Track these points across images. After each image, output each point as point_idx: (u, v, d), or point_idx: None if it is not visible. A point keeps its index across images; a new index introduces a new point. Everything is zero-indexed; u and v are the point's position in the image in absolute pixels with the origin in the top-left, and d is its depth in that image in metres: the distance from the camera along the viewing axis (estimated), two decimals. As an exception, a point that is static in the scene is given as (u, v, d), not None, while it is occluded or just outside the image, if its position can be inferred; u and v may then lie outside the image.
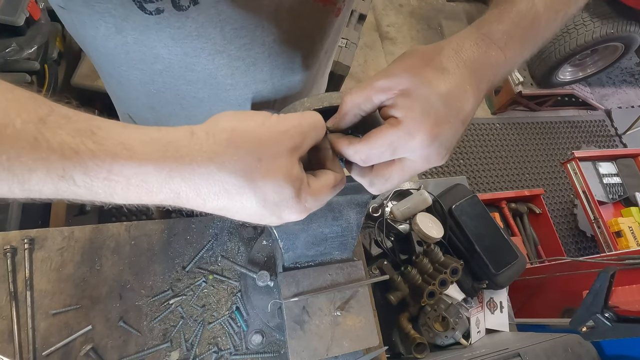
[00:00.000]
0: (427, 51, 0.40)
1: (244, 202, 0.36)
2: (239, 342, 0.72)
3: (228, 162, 0.34)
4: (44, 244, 0.71)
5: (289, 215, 0.39)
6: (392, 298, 0.95)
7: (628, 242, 1.92)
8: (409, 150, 0.39)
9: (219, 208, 0.36)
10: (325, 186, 0.40)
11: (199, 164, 0.33)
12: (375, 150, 0.40)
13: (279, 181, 0.35)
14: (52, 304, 0.68)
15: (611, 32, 2.35)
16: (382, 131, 0.39)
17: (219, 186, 0.34)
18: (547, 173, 2.90)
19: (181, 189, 0.34)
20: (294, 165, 0.36)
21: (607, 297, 0.96)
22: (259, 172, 0.35)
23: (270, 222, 0.40)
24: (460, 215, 1.06)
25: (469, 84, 0.40)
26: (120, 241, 0.75)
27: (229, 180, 0.34)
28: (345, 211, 0.64)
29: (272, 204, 0.36)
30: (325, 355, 0.59)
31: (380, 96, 0.40)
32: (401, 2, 3.28)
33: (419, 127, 0.38)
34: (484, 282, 1.03)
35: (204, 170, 0.34)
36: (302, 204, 0.38)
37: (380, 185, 0.44)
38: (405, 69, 0.39)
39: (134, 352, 0.68)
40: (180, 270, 0.75)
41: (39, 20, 1.49)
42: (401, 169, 0.42)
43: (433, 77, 0.38)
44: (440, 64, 0.39)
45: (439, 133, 0.38)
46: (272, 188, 0.35)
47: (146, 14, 0.47)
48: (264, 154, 0.35)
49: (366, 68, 2.86)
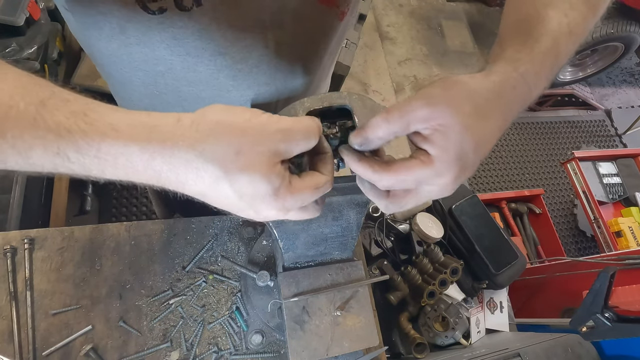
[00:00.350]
0: (471, 89, 0.40)
1: (220, 192, 0.37)
2: (239, 342, 0.72)
3: (207, 151, 0.35)
4: (44, 244, 0.71)
5: (267, 211, 0.39)
6: (392, 298, 0.95)
7: (628, 242, 1.92)
8: (430, 184, 0.41)
9: (197, 193, 0.38)
10: (307, 187, 0.40)
11: (179, 148, 0.35)
12: (402, 183, 0.41)
13: (254, 176, 0.36)
14: (52, 304, 0.68)
15: (611, 32, 2.35)
16: (413, 165, 0.40)
17: (196, 173, 0.36)
18: (547, 173, 2.90)
19: (162, 170, 0.36)
20: (275, 165, 0.37)
21: (607, 297, 0.96)
22: (236, 164, 0.35)
23: (249, 216, 0.40)
24: (460, 215, 1.06)
25: (499, 129, 0.42)
26: (120, 241, 0.75)
27: (206, 168, 0.35)
28: (345, 211, 0.64)
29: (248, 197, 0.37)
30: (325, 355, 0.59)
31: (418, 125, 0.39)
32: (401, 2, 3.28)
33: (449, 170, 0.39)
34: (484, 282, 1.03)
35: (184, 155, 0.35)
36: (279, 201, 0.38)
37: (395, 210, 0.45)
38: (448, 104, 0.39)
39: (134, 352, 0.68)
40: (180, 270, 0.75)
41: (39, 20, 1.49)
42: (416, 196, 0.43)
43: (473, 124, 0.39)
44: (482, 108, 0.40)
45: (462, 176, 0.41)
46: (247, 182, 0.36)
47: (149, 14, 0.48)
48: (243, 148, 0.36)
49: (366, 68, 2.85)
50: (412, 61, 3.02)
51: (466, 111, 0.39)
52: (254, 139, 0.36)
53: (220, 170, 0.35)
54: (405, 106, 0.39)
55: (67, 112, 0.34)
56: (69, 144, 0.33)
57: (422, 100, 0.39)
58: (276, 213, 0.39)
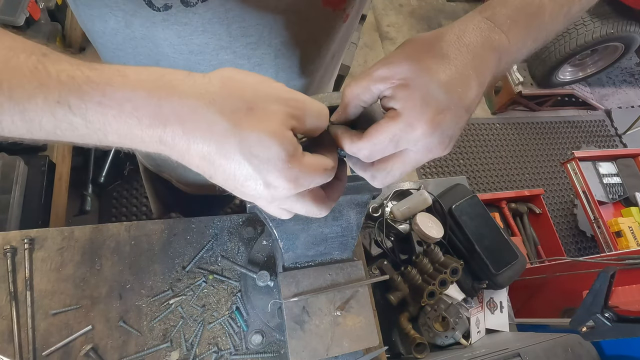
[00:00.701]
0: (428, 38, 0.39)
1: (227, 152, 0.33)
2: (239, 342, 0.72)
3: (217, 102, 0.33)
4: (44, 244, 0.71)
5: (277, 179, 0.34)
6: (392, 298, 0.95)
7: (628, 242, 1.92)
8: (411, 142, 0.38)
9: (202, 155, 0.34)
10: (319, 165, 0.37)
11: (188, 96, 0.33)
12: (378, 146, 0.39)
13: (267, 135, 0.33)
14: (52, 304, 0.68)
15: (611, 32, 2.35)
16: (381, 126, 0.38)
17: (206, 125, 0.33)
18: (547, 173, 2.90)
19: (169, 121, 0.33)
20: (287, 130, 0.34)
21: (607, 297, 0.96)
22: (248, 120, 0.33)
23: (252, 192, 0.36)
24: (460, 215, 1.06)
25: (472, 69, 0.38)
26: (120, 241, 0.75)
27: (215, 119, 0.33)
28: (345, 211, 0.64)
29: (257, 159, 0.33)
30: (325, 355, 0.59)
31: (379, 86, 0.38)
32: (401, 2, 3.28)
33: (419, 117, 0.37)
34: (484, 282, 1.03)
35: (193, 104, 0.33)
36: (292, 170, 0.34)
37: (382, 179, 0.43)
38: (404, 57, 0.38)
39: (134, 352, 0.68)
40: (180, 270, 0.75)
41: (39, 20, 1.49)
42: (402, 161, 0.40)
43: (432, 65, 0.37)
44: (441, 50, 0.38)
45: (440, 121, 0.37)
46: (258, 141, 0.33)
47: (154, 10, 0.47)
48: (256, 105, 0.33)
49: (366, 68, 2.85)
50: (412, 61, 3.01)
51: (423, 57, 0.38)
52: (268, 98, 0.34)
53: (230, 124, 0.32)
54: (364, 71, 0.39)
55: (71, 61, 0.32)
56: (71, 89, 0.31)
57: (380, 62, 0.39)
58: (286, 184, 0.35)
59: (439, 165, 2.73)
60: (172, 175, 0.96)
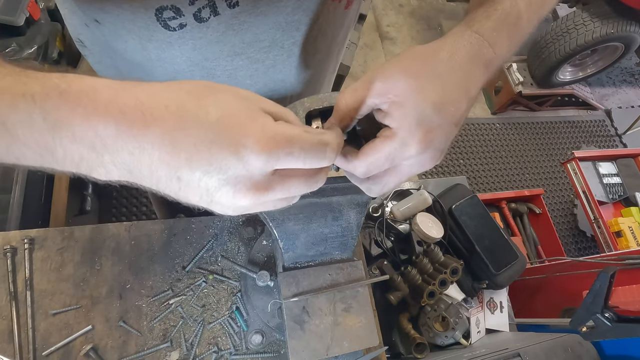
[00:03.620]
0: (423, 54, 0.41)
1: (188, 116, 0.31)
2: (239, 342, 0.72)
3: (173, 86, 0.33)
4: (44, 244, 0.71)
5: (245, 137, 0.31)
6: (392, 298, 0.95)
7: (628, 242, 1.92)
8: (405, 158, 0.40)
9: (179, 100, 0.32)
10: (296, 128, 0.34)
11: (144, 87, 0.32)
12: (374, 164, 0.41)
13: (230, 95, 0.33)
14: (52, 304, 0.68)
15: (611, 32, 2.35)
16: (377, 145, 0.40)
17: (165, 92, 0.32)
18: (547, 173, 2.90)
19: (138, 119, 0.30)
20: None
21: (607, 297, 0.96)
22: (208, 90, 0.33)
23: (229, 150, 0.31)
24: (460, 215, 1.06)
25: (463, 88, 0.41)
26: (120, 241, 0.75)
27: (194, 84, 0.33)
28: (345, 211, 0.64)
29: (222, 118, 0.31)
30: (325, 355, 0.59)
31: (374, 100, 0.40)
32: (401, 2, 3.28)
33: (413, 136, 0.38)
34: (484, 282, 1.03)
35: (150, 88, 0.32)
36: (262, 122, 0.32)
37: (378, 191, 0.45)
38: (401, 72, 0.39)
39: (134, 352, 0.68)
40: (180, 270, 0.75)
41: (39, 20, 1.49)
42: (397, 174, 0.43)
43: (427, 85, 0.39)
44: (436, 69, 0.40)
45: (432, 139, 0.39)
46: (219, 101, 0.32)
47: (170, 31, 0.49)
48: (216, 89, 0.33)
49: (366, 68, 2.85)
50: (412, 61, 3.01)
51: (419, 75, 0.39)
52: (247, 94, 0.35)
53: (189, 95, 0.31)
54: (359, 82, 0.40)
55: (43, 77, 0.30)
56: (40, 84, 0.30)
57: (375, 74, 0.40)
58: (256, 144, 0.30)
59: (439, 165, 2.73)
60: None
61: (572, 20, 2.45)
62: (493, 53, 0.42)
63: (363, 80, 0.40)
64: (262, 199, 0.34)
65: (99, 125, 0.30)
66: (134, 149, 0.30)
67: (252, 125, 0.31)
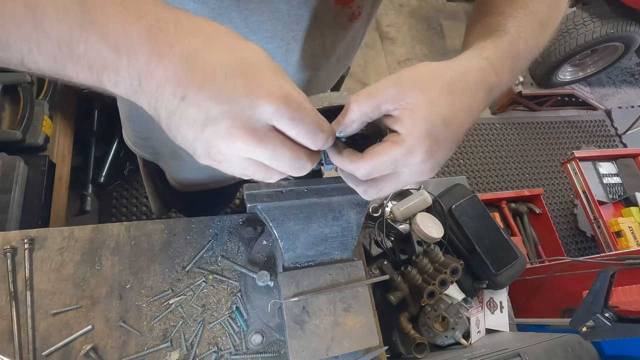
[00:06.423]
0: (438, 70, 0.42)
1: (217, 45, 0.33)
2: (239, 342, 0.72)
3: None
4: (44, 244, 0.71)
5: (263, 87, 0.32)
6: (392, 298, 0.95)
7: (628, 242, 1.92)
8: (407, 165, 0.41)
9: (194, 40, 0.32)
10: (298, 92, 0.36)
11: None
12: (378, 167, 0.41)
13: (268, 56, 0.35)
14: (52, 304, 0.68)
15: (611, 32, 2.35)
16: (384, 148, 0.41)
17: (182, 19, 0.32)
18: (547, 173, 2.90)
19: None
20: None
21: (607, 297, 0.96)
22: (226, 37, 0.34)
23: (244, 89, 0.32)
24: (460, 215, 1.06)
25: (469, 109, 0.43)
26: (120, 241, 0.75)
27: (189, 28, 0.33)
28: (345, 211, 0.64)
29: (255, 63, 0.33)
30: (325, 355, 0.59)
31: (387, 105, 0.40)
32: (401, 2, 3.28)
33: (420, 145, 0.40)
34: (484, 282, 1.03)
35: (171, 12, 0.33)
36: (280, 82, 0.34)
37: (374, 194, 0.46)
38: (416, 83, 0.40)
39: (134, 352, 0.68)
40: (180, 270, 0.75)
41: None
42: (395, 180, 0.44)
43: (440, 99, 0.40)
44: (450, 85, 0.41)
45: (436, 151, 0.41)
46: (263, 54, 0.35)
47: None
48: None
49: (366, 68, 2.85)
50: (412, 61, 3.02)
51: (433, 88, 0.40)
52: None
53: (228, 33, 0.34)
54: (374, 88, 0.41)
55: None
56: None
57: (391, 81, 0.41)
58: (274, 92, 0.33)
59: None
60: (165, 168, 0.97)
61: (572, 20, 2.45)
62: (497, 80, 0.45)
63: (378, 86, 0.41)
64: (249, 150, 0.34)
65: (132, 26, 0.30)
66: (152, 58, 0.31)
67: (273, 79, 0.33)
